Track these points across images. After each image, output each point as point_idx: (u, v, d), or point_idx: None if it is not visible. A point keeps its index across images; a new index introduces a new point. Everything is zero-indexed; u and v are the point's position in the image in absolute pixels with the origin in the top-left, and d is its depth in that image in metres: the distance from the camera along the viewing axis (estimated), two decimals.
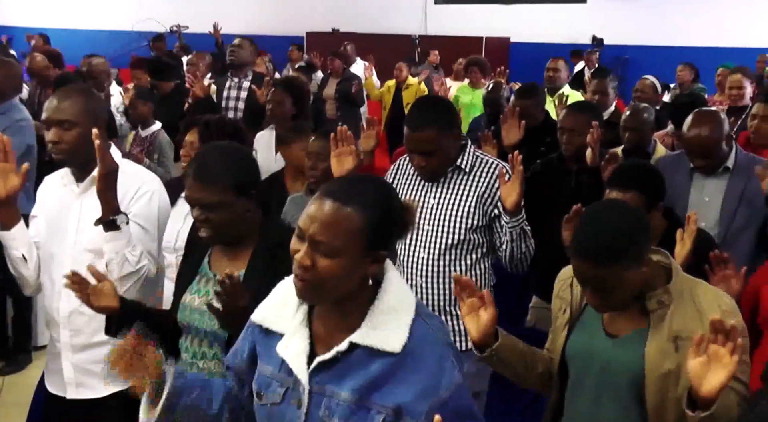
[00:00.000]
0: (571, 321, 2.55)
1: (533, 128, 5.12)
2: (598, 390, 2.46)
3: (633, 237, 2.29)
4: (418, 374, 1.88)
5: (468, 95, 8.77)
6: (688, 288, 2.41)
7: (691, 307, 2.36)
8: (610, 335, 2.45)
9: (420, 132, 3.42)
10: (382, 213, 1.92)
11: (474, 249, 3.56)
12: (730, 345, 2.04)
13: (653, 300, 2.38)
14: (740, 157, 4.03)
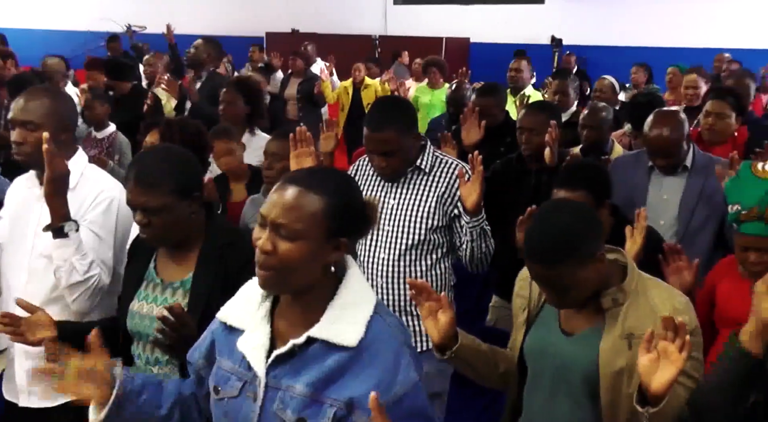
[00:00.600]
0: (529, 318, 2.57)
1: (493, 128, 5.13)
2: (554, 387, 2.48)
3: (583, 235, 2.30)
4: (373, 369, 1.89)
5: (427, 95, 8.79)
6: (642, 286, 2.43)
7: (645, 305, 2.38)
8: (566, 333, 2.47)
9: (380, 132, 3.41)
10: (344, 200, 1.95)
11: (434, 249, 3.55)
12: (678, 342, 2.05)
13: (608, 298, 2.39)
14: (698, 156, 4.07)
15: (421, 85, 9.24)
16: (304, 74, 10.10)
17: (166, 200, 2.53)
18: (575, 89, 6.36)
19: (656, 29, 13.79)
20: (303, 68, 10.19)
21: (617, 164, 4.30)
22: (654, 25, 13.95)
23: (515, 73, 7.14)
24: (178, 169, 2.59)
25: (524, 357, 2.57)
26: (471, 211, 3.40)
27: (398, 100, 4.01)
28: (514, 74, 7.14)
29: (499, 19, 15.65)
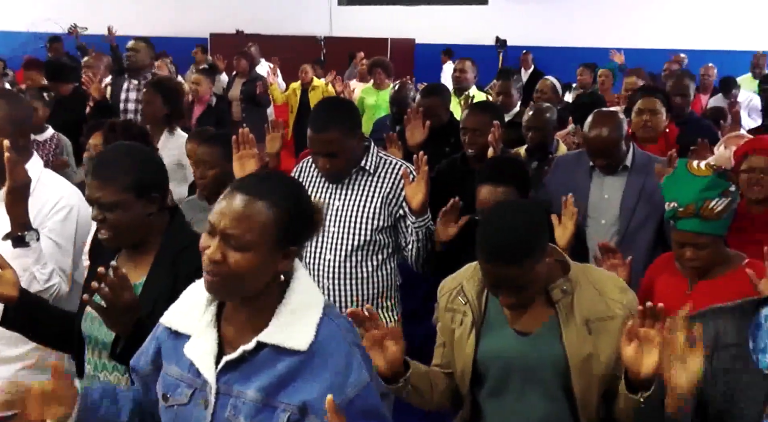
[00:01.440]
0: (475, 327, 2.53)
1: (438, 128, 5.14)
2: (523, 390, 2.49)
3: (537, 231, 2.34)
4: (325, 372, 1.88)
5: (372, 96, 8.78)
6: (582, 273, 2.49)
7: (591, 290, 2.44)
8: (521, 333, 2.48)
9: (324, 134, 3.41)
10: (293, 208, 1.93)
11: (380, 250, 3.57)
12: (658, 325, 2.11)
13: (557, 291, 2.43)
14: (638, 155, 4.12)
15: (367, 86, 9.23)
16: (248, 75, 10.04)
17: (121, 197, 2.46)
18: (518, 90, 6.41)
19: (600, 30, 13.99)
20: (247, 69, 10.13)
21: (559, 164, 4.34)
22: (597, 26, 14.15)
23: (459, 73, 7.17)
24: (137, 166, 2.52)
25: (479, 366, 2.53)
26: (417, 211, 3.42)
27: (341, 101, 4.02)
28: (458, 75, 7.17)
29: (444, 20, 15.73)
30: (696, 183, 2.95)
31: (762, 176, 3.82)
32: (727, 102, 8.36)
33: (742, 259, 3.09)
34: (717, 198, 2.94)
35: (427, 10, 16.08)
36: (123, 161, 2.51)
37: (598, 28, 14.08)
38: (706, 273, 3.09)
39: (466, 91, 6.93)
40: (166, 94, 5.32)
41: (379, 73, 8.89)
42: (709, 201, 2.93)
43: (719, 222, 2.97)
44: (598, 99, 5.97)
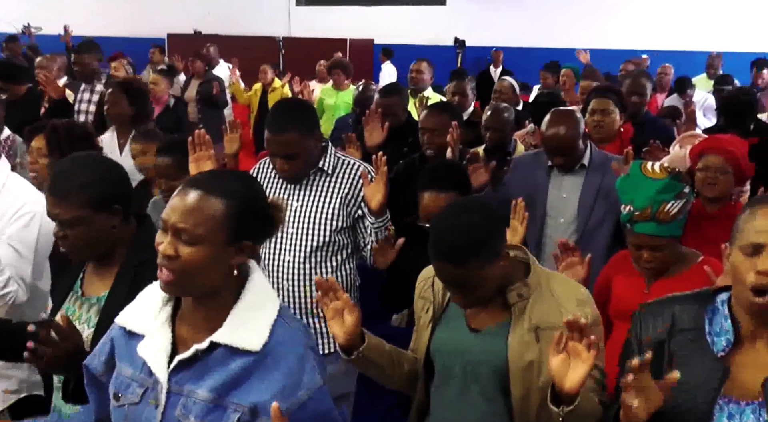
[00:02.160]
0: (434, 318, 2.57)
1: (396, 128, 5.14)
2: (464, 385, 2.49)
3: (487, 233, 2.33)
4: (277, 374, 1.88)
5: (332, 97, 8.78)
6: (545, 280, 2.48)
7: (549, 298, 2.43)
8: (474, 330, 2.49)
9: (281, 135, 3.39)
10: (247, 202, 1.94)
11: (339, 250, 3.56)
12: (585, 342, 2.08)
13: (513, 294, 2.43)
14: (595, 154, 4.15)
15: (326, 87, 9.22)
16: (204, 76, 9.97)
17: (80, 213, 2.40)
18: (472, 89, 6.43)
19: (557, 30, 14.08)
20: (203, 70, 10.06)
21: (518, 164, 4.36)
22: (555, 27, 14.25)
23: (416, 74, 7.19)
24: (95, 179, 2.44)
25: (431, 357, 2.57)
26: (375, 212, 3.42)
27: (299, 102, 4.01)
28: (415, 75, 7.20)
29: (403, 21, 15.75)
30: (651, 186, 2.97)
31: (717, 175, 3.87)
32: (682, 101, 8.45)
33: (698, 257, 3.13)
34: (672, 200, 2.97)
35: (386, 11, 16.10)
36: (80, 175, 2.43)
37: (556, 29, 14.18)
38: (662, 273, 3.12)
39: (422, 91, 6.95)
40: (132, 95, 5.27)
41: (338, 74, 8.89)
42: (664, 204, 2.95)
43: (675, 224, 3.01)
44: (556, 98, 6.01)
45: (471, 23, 15.03)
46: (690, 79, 9.36)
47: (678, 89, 9.15)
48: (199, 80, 9.88)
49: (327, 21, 16.09)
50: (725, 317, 2.06)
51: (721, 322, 2.06)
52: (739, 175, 3.94)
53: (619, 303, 3.21)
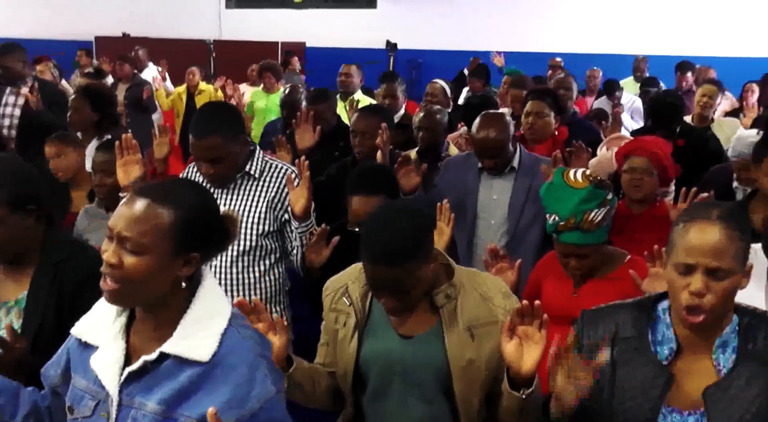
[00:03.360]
0: (358, 329, 2.52)
1: (327, 132, 5.12)
2: (404, 393, 2.48)
3: (421, 234, 2.34)
4: (227, 384, 1.85)
5: (263, 100, 8.72)
6: (467, 279, 2.49)
7: (475, 296, 2.45)
8: (404, 336, 2.47)
9: (205, 139, 3.36)
10: (195, 213, 1.91)
11: (267, 255, 3.54)
12: (537, 322, 2.14)
13: (441, 296, 2.43)
14: (525, 156, 4.18)
15: (257, 90, 9.15)
16: (132, 79, 9.81)
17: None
18: (403, 92, 6.45)
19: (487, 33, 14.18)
20: (131, 73, 9.89)
21: (449, 165, 4.38)
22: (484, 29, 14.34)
23: (345, 77, 7.21)
24: (10, 179, 2.45)
25: (361, 369, 2.52)
26: (300, 217, 3.41)
27: (223, 105, 3.99)
28: (344, 79, 7.22)
29: (335, 24, 15.73)
30: (574, 195, 3.01)
31: (642, 177, 3.93)
32: (611, 104, 8.58)
33: (624, 257, 3.17)
34: (596, 209, 3.00)
35: (317, 14, 16.04)
36: None
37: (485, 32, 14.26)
38: (590, 275, 3.15)
39: (351, 94, 6.95)
40: (95, 100, 5.15)
41: (268, 77, 8.84)
42: (588, 213, 2.99)
43: (599, 231, 3.05)
44: (488, 101, 6.04)
45: (401, 26, 15.06)
46: (618, 81, 9.49)
47: (606, 92, 9.27)
48: (127, 84, 9.72)
49: (258, 24, 15.96)
50: (667, 325, 2.09)
51: (663, 331, 2.10)
52: (664, 176, 4.01)
53: (548, 306, 3.21)
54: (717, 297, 1.95)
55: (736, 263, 1.96)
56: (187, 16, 16.20)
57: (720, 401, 1.98)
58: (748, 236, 2.02)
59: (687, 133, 5.59)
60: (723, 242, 1.95)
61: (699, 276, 1.94)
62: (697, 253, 1.95)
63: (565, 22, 14.18)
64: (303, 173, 3.39)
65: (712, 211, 2.00)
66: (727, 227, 1.96)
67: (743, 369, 2.00)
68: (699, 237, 1.96)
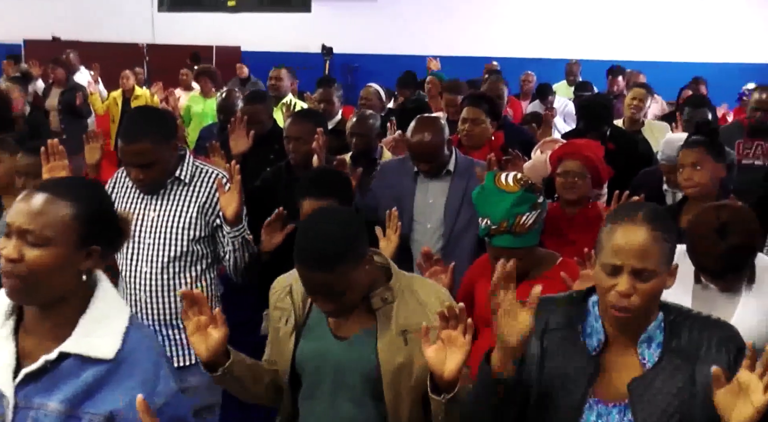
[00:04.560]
0: (296, 328, 2.55)
1: (262, 135, 5.10)
2: (334, 393, 2.49)
3: (351, 237, 2.34)
4: (132, 381, 1.86)
5: (200, 104, 8.66)
6: (406, 283, 2.51)
7: (412, 301, 2.47)
8: (339, 337, 2.49)
9: (135, 144, 3.32)
10: (95, 206, 1.93)
11: (198, 260, 3.52)
12: (461, 327, 2.13)
13: (377, 299, 2.45)
14: (460, 160, 4.22)
15: (194, 94, 9.08)
16: (66, 84, 9.64)
17: None
18: (339, 97, 6.46)
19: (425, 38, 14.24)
20: (64, 77, 9.73)
21: (384, 170, 4.39)
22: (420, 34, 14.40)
23: (275, 81, 7.20)
24: None
25: (297, 368, 2.55)
26: (231, 221, 3.39)
27: (154, 110, 3.95)
28: (274, 82, 7.21)
29: (270, 28, 15.66)
30: (506, 199, 3.03)
31: (575, 180, 3.98)
32: (543, 108, 8.68)
33: (556, 259, 3.21)
34: (527, 212, 3.03)
35: (253, 17, 15.95)
36: None
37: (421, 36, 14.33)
38: (523, 278, 3.18)
39: (282, 98, 6.94)
40: None
41: (205, 81, 8.78)
42: (520, 216, 3.02)
43: (531, 234, 3.08)
44: (422, 105, 6.07)
45: (336, 30, 15.05)
46: (551, 85, 9.62)
47: (539, 96, 9.39)
48: (61, 88, 9.56)
49: (192, 27, 15.80)
50: (596, 318, 2.14)
51: (592, 323, 2.14)
52: (597, 179, 4.07)
53: (482, 308, 3.26)
54: (643, 297, 2.00)
55: (661, 264, 2.01)
56: (119, 19, 15.96)
57: (644, 394, 2.04)
58: (673, 237, 2.07)
59: (618, 136, 5.68)
60: (648, 243, 1.99)
61: (626, 277, 1.99)
62: (623, 255, 1.99)
63: (499, 27, 14.32)
64: (234, 177, 3.37)
65: (638, 213, 2.04)
66: (653, 228, 2.01)
67: (667, 364, 2.05)
68: (625, 239, 2.00)
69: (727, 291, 2.99)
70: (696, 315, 2.15)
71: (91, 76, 10.20)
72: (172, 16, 16.40)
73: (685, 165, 3.76)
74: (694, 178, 3.73)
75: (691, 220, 3.00)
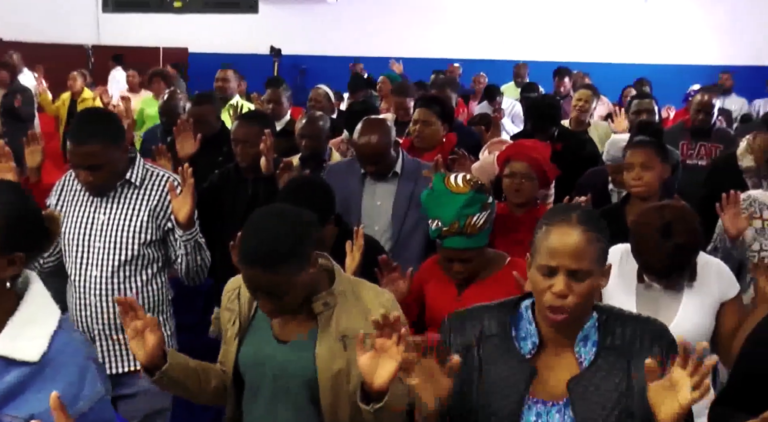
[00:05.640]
0: (241, 331, 2.55)
1: (210, 137, 5.06)
2: (273, 397, 2.49)
3: (297, 238, 2.33)
4: (56, 384, 1.83)
5: (153, 107, 8.54)
6: (350, 288, 2.51)
7: (355, 306, 2.46)
8: (281, 341, 2.48)
9: (84, 146, 3.27)
10: (18, 213, 1.90)
11: (149, 264, 3.48)
12: (395, 337, 2.11)
13: (319, 303, 2.44)
14: (407, 162, 4.22)
15: (147, 97, 9.00)
16: (10, 85, 9.48)
17: None
18: (288, 98, 6.43)
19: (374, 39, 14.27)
20: (8, 79, 9.57)
21: (332, 172, 4.38)
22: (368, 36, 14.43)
23: (222, 82, 7.17)
24: None
25: (240, 370, 2.55)
26: (183, 225, 3.36)
27: (103, 111, 3.91)
28: (221, 84, 7.18)
29: (217, 29, 15.56)
30: (456, 201, 3.04)
31: (522, 181, 4.00)
32: (491, 109, 8.74)
33: (505, 259, 3.23)
34: (478, 213, 3.05)
35: (199, 19, 15.83)
36: None
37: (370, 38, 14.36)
38: (473, 279, 3.19)
39: (229, 100, 6.91)
40: None
41: (158, 83, 8.71)
42: (470, 217, 3.03)
43: (481, 235, 3.10)
44: (369, 107, 6.08)
45: (285, 32, 15.01)
46: (498, 87, 9.69)
47: (488, 97, 9.45)
48: (3, 90, 9.40)
49: (138, 28, 15.63)
50: (530, 321, 2.15)
51: (526, 327, 2.16)
52: (544, 179, 4.10)
53: (432, 310, 3.27)
54: (578, 297, 2.02)
55: (595, 264, 2.04)
56: (63, 20, 15.71)
57: (583, 392, 2.06)
58: (606, 238, 2.10)
59: (564, 136, 5.74)
60: (583, 244, 2.02)
61: (561, 277, 2.01)
62: (558, 256, 2.01)
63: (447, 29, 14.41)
64: (187, 180, 3.33)
65: (572, 215, 2.07)
66: (587, 230, 2.03)
67: (603, 362, 2.08)
68: (560, 240, 2.03)
69: (671, 289, 3.05)
70: (627, 314, 2.20)
71: (35, 78, 10.05)
72: (118, 17, 16.20)
73: (635, 165, 3.79)
74: (643, 178, 3.77)
75: (635, 220, 3.04)
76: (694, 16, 13.58)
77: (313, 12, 15.04)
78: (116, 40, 15.44)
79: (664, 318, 2.92)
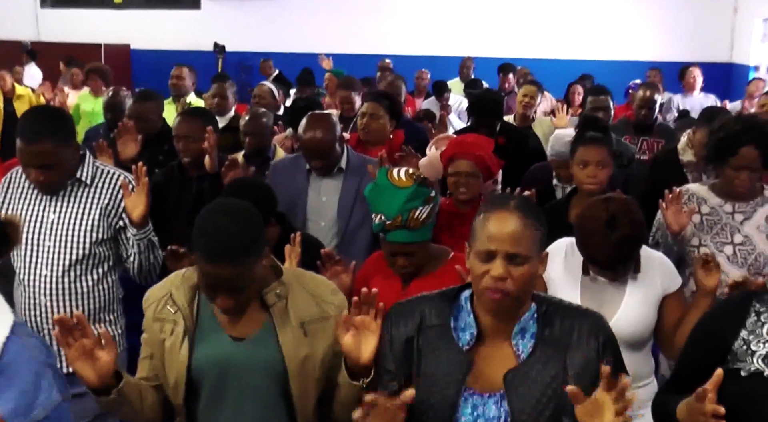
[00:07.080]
0: (188, 335, 2.44)
1: (152, 135, 4.99)
2: (240, 398, 2.44)
3: (256, 231, 2.33)
4: (10, 392, 1.81)
5: (90, 103, 8.49)
6: (295, 278, 2.52)
7: (304, 294, 2.48)
8: (237, 339, 2.44)
9: (35, 145, 3.23)
10: None
11: (100, 263, 3.46)
12: (372, 312, 2.23)
13: (271, 295, 2.43)
14: (352, 157, 4.22)
15: (83, 93, 8.87)
16: None
17: None
18: (234, 93, 6.39)
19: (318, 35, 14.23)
20: None
21: (277, 168, 4.36)
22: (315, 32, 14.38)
23: (177, 79, 7.10)
24: None
25: (193, 377, 2.45)
26: (137, 224, 3.34)
27: (53, 109, 3.83)
28: (176, 81, 7.10)
29: (160, 25, 15.38)
30: (399, 195, 3.05)
31: (467, 179, 4.00)
32: (439, 105, 8.76)
33: (449, 254, 3.25)
34: (421, 206, 3.07)
35: (141, 14, 15.63)
36: None
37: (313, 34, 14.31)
38: (417, 273, 3.20)
39: (183, 97, 6.84)
40: None
41: (95, 80, 8.59)
42: (414, 211, 3.04)
43: (425, 229, 3.11)
44: (313, 102, 6.06)
45: (228, 28, 14.89)
46: (446, 82, 9.69)
47: (435, 93, 9.45)
48: None
49: (79, 25, 15.38)
50: (468, 313, 2.18)
51: (465, 318, 2.18)
52: (488, 174, 4.11)
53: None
54: (517, 281, 2.05)
55: (533, 250, 2.08)
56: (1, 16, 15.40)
57: (519, 384, 2.09)
58: (543, 226, 2.14)
59: (508, 131, 5.78)
60: (520, 229, 2.06)
61: (499, 261, 2.05)
62: (497, 240, 2.05)
63: (393, 25, 14.42)
64: (141, 179, 3.32)
65: (510, 202, 2.12)
66: (524, 216, 2.08)
67: (541, 354, 2.11)
68: (498, 226, 2.07)
69: (615, 281, 3.08)
70: (567, 305, 2.23)
71: None
72: (57, 13, 15.93)
73: (590, 162, 3.79)
74: (598, 175, 3.79)
75: (581, 214, 3.07)
76: (635, 13, 13.75)
77: (256, 8, 14.93)
78: (57, 36, 15.17)
79: (608, 310, 2.97)
